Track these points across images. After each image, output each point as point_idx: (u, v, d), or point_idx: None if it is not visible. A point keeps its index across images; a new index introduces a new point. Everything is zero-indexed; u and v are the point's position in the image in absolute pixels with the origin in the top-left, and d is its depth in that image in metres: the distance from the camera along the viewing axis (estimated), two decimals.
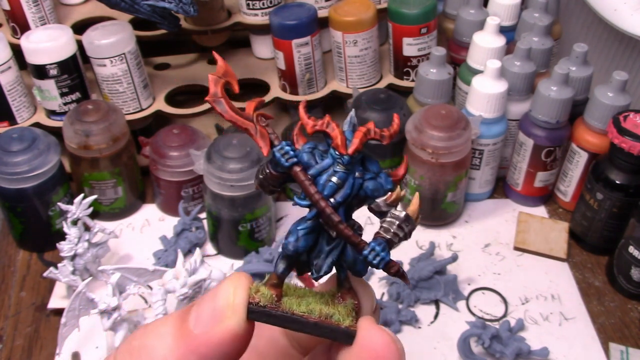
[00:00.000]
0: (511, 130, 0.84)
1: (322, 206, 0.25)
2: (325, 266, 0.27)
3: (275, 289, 0.26)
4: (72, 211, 0.69)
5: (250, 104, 0.26)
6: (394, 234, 0.26)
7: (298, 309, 0.26)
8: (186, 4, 0.76)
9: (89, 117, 0.78)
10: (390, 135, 0.26)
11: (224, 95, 0.26)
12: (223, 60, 0.27)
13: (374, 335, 0.24)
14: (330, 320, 0.25)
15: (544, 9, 0.85)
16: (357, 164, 0.26)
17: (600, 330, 0.72)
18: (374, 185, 0.26)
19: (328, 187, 0.25)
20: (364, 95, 0.82)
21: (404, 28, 0.85)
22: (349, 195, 0.25)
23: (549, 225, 0.83)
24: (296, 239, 0.26)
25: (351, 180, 0.25)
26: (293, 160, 0.25)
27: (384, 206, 0.26)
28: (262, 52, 0.96)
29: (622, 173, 0.73)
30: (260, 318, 0.25)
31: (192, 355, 0.23)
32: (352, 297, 0.27)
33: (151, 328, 0.24)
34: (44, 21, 0.86)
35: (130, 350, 0.24)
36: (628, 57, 0.88)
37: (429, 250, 0.77)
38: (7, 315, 0.74)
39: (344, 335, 0.25)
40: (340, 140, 0.25)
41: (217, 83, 0.26)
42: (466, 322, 0.69)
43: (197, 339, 0.23)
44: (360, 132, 0.25)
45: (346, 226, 0.25)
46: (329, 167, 0.26)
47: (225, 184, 0.73)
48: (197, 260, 0.65)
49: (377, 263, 0.25)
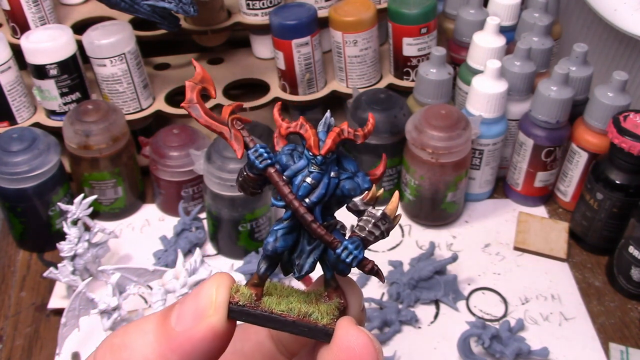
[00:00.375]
0: (511, 130, 0.84)
1: (296, 206, 0.25)
2: (306, 265, 0.27)
3: (255, 289, 0.26)
4: (72, 211, 0.69)
5: (227, 109, 0.27)
6: (369, 232, 0.26)
7: (277, 308, 0.26)
8: (186, 4, 0.76)
9: (89, 117, 0.78)
10: (364, 135, 0.27)
11: (199, 101, 0.27)
12: (201, 67, 0.27)
13: (352, 335, 0.24)
14: (308, 319, 0.26)
15: (544, 9, 0.85)
16: (332, 164, 0.26)
17: (600, 330, 0.72)
18: (350, 184, 0.26)
19: (302, 187, 0.26)
20: (364, 95, 0.82)
21: (404, 28, 0.85)
22: (323, 195, 0.26)
23: (549, 225, 0.83)
24: (275, 239, 0.26)
25: (326, 180, 0.26)
26: (267, 162, 0.26)
27: (361, 205, 0.27)
28: (262, 52, 0.96)
29: (622, 173, 0.73)
30: (240, 317, 0.26)
31: (173, 352, 0.24)
32: (338, 296, 0.28)
33: (133, 326, 0.25)
34: (44, 21, 0.86)
35: (111, 347, 0.24)
36: (628, 57, 0.88)
37: (429, 250, 0.77)
38: (7, 315, 0.74)
39: (322, 333, 0.26)
40: (313, 142, 0.26)
41: (193, 89, 0.27)
42: (466, 322, 0.69)
43: (179, 336, 0.24)
44: (334, 133, 0.26)
45: (319, 225, 0.26)
46: (304, 168, 0.26)
47: (225, 184, 0.73)
48: (197, 260, 0.65)
49: (350, 261, 0.25)
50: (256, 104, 0.89)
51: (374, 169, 0.27)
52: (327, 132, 0.26)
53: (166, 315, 0.25)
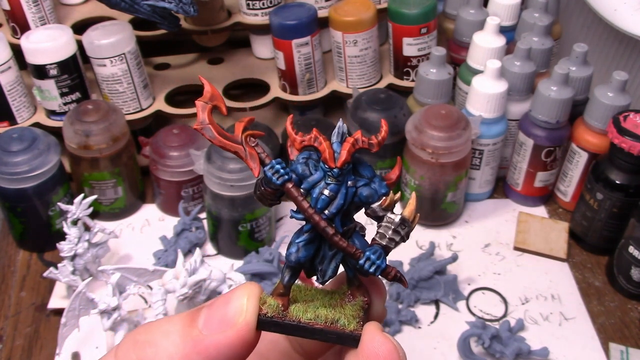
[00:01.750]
0: (511, 130, 0.84)
1: (316, 220, 0.26)
2: (329, 271, 0.27)
3: (281, 299, 0.27)
4: (72, 211, 0.69)
5: (239, 125, 0.27)
6: (390, 240, 0.26)
7: (304, 317, 0.27)
8: (186, 4, 0.76)
9: (89, 117, 0.78)
10: (379, 143, 0.27)
11: (212, 121, 0.27)
12: (210, 84, 0.27)
13: (378, 342, 0.25)
14: (335, 326, 0.26)
15: (544, 9, 0.85)
16: (349, 173, 0.26)
17: (600, 330, 0.72)
18: (367, 191, 0.26)
19: (321, 200, 0.26)
20: (364, 95, 0.82)
21: (404, 28, 0.85)
22: (342, 205, 0.26)
23: (549, 225, 0.83)
24: (297, 249, 0.27)
25: (344, 191, 0.26)
26: (284, 178, 0.26)
27: (379, 211, 0.27)
28: (262, 52, 0.96)
29: (622, 173, 0.73)
30: (268, 328, 0.26)
31: (198, 355, 0.24)
32: (362, 294, 0.28)
33: (157, 325, 0.25)
34: (44, 21, 0.86)
35: (135, 343, 0.24)
36: (628, 57, 0.88)
37: (429, 250, 0.77)
38: (7, 315, 0.74)
39: (350, 339, 0.26)
40: (328, 154, 0.26)
41: (204, 109, 0.27)
42: (466, 322, 0.69)
43: (205, 340, 0.24)
44: (348, 144, 0.26)
45: (341, 238, 0.26)
46: (321, 180, 0.26)
47: (225, 184, 0.73)
48: (197, 260, 0.65)
49: (373, 272, 0.26)
50: (256, 104, 0.89)
51: (389, 173, 0.28)
52: (342, 143, 0.26)
53: (193, 317, 0.25)
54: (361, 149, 0.26)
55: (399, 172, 0.28)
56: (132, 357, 0.24)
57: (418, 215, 0.27)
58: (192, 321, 0.25)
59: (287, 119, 0.27)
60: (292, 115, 0.28)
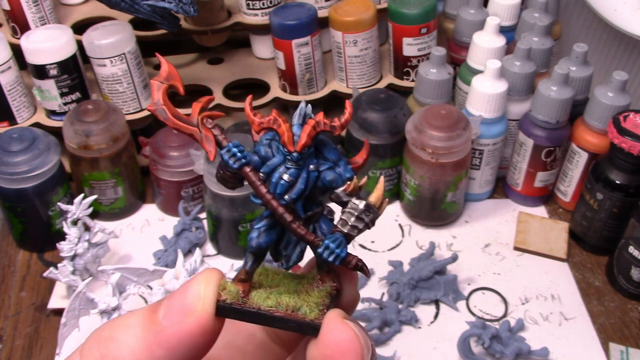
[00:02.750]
0: (511, 130, 0.84)
1: (274, 206, 0.25)
2: (294, 256, 0.27)
3: (243, 285, 0.26)
4: (72, 211, 0.69)
5: (196, 106, 0.26)
6: (352, 227, 0.25)
7: (265, 304, 0.26)
8: (186, 4, 0.76)
9: (89, 117, 0.78)
10: (342, 125, 0.25)
11: (166, 102, 0.25)
12: (167, 63, 0.26)
13: (338, 330, 0.24)
14: (296, 314, 0.26)
15: (544, 9, 0.85)
16: (310, 157, 0.25)
17: (600, 330, 0.72)
18: (331, 176, 0.25)
19: (280, 185, 0.25)
20: (364, 95, 0.82)
21: (404, 28, 0.85)
22: (302, 190, 0.25)
23: (549, 225, 0.83)
24: (257, 235, 0.26)
25: (305, 175, 0.25)
26: (241, 162, 0.25)
27: (343, 196, 0.25)
28: (262, 52, 0.96)
29: (622, 173, 0.73)
30: (228, 314, 0.25)
31: (159, 346, 0.24)
32: (331, 279, 0.27)
33: (120, 320, 0.25)
34: (44, 21, 0.86)
35: (98, 340, 0.24)
36: (628, 57, 0.88)
37: (429, 250, 0.77)
38: (7, 315, 0.74)
39: (309, 328, 0.25)
40: (287, 137, 0.25)
41: (159, 89, 0.25)
42: (466, 322, 0.69)
43: (165, 330, 0.24)
44: (308, 126, 0.25)
45: (299, 225, 0.25)
46: (281, 163, 0.25)
47: None
48: (197, 260, 0.65)
49: (332, 260, 0.25)
50: (256, 104, 0.89)
51: (356, 157, 0.26)
52: (302, 125, 0.25)
53: (154, 309, 0.25)
54: (323, 132, 0.25)
55: (365, 155, 0.26)
56: (96, 354, 0.24)
57: (386, 201, 0.26)
58: (153, 313, 0.25)
59: (246, 99, 0.26)
60: (251, 95, 0.27)
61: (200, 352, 0.25)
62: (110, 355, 0.24)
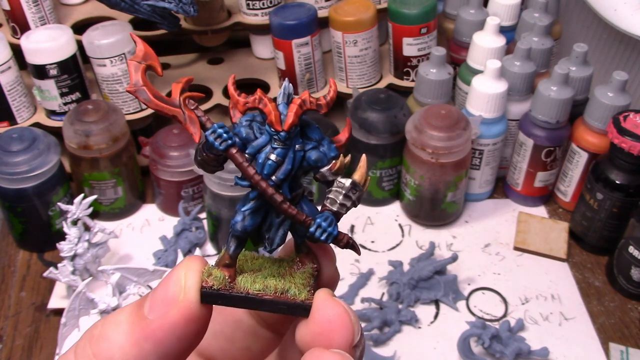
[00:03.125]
0: (511, 130, 0.84)
1: (263, 187, 0.25)
2: (277, 238, 0.26)
3: (228, 270, 0.26)
4: (72, 211, 0.69)
5: (176, 87, 0.25)
6: (341, 205, 0.25)
7: (252, 288, 0.25)
8: (186, 4, 0.76)
9: (89, 117, 0.78)
10: (327, 104, 0.25)
11: (147, 83, 0.25)
12: (142, 42, 0.25)
13: (328, 307, 0.25)
14: (285, 296, 0.25)
15: (544, 9, 0.85)
16: (296, 136, 0.25)
17: (600, 330, 0.72)
18: (316, 155, 0.25)
19: (267, 165, 0.25)
20: (364, 95, 0.82)
21: (404, 28, 0.85)
22: (290, 170, 0.25)
23: (549, 225, 0.83)
24: (242, 218, 0.26)
25: (291, 155, 0.25)
26: (227, 143, 0.25)
27: (329, 175, 0.25)
28: (262, 52, 0.96)
29: (622, 173, 0.73)
30: (215, 301, 0.25)
31: (146, 340, 0.24)
32: (311, 261, 0.27)
33: (110, 317, 0.25)
34: (44, 21, 0.86)
35: (90, 339, 0.24)
36: (628, 57, 0.88)
37: (429, 250, 0.77)
38: (7, 315, 0.74)
39: (300, 309, 0.25)
40: (274, 117, 0.24)
41: (137, 69, 0.25)
42: (466, 322, 0.69)
43: (151, 324, 0.24)
44: (295, 105, 0.24)
45: (290, 205, 0.25)
46: (267, 144, 0.25)
47: (225, 184, 0.73)
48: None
49: (325, 239, 0.25)
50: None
51: (339, 135, 0.26)
52: (288, 104, 0.25)
53: (140, 304, 0.25)
54: (309, 110, 0.25)
55: (348, 134, 0.26)
56: (88, 352, 0.24)
57: (369, 179, 0.26)
58: (139, 308, 0.24)
59: (229, 78, 0.26)
60: (234, 75, 0.26)
61: (191, 342, 0.25)
62: (101, 353, 0.24)
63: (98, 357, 0.24)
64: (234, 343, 0.30)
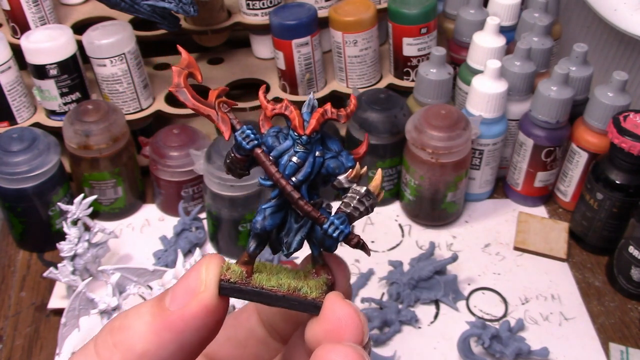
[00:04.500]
0: (511, 130, 0.84)
1: (283, 184, 0.26)
2: (294, 243, 0.28)
3: (246, 266, 0.27)
4: (72, 211, 0.69)
5: (213, 92, 0.27)
6: (354, 208, 0.27)
7: (267, 284, 0.27)
8: (186, 4, 0.76)
9: (89, 117, 0.78)
10: (347, 115, 0.27)
11: (187, 85, 0.27)
12: (187, 53, 0.28)
13: (339, 307, 0.26)
14: (298, 293, 0.27)
15: (544, 9, 0.85)
16: (317, 143, 0.27)
17: (600, 330, 0.72)
18: (334, 163, 0.27)
19: (289, 167, 0.26)
20: (364, 95, 0.82)
21: (404, 28, 0.85)
22: (309, 173, 0.27)
23: (549, 225, 0.83)
24: (263, 217, 0.27)
25: (311, 159, 0.27)
26: (254, 142, 0.27)
27: (345, 183, 0.27)
28: (262, 52, 0.96)
29: (622, 173, 0.73)
30: (231, 293, 0.26)
31: (168, 330, 0.25)
32: (326, 273, 0.28)
33: (132, 310, 0.26)
34: (44, 21, 0.86)
35: (111, 330, 0.25)
36: (628, 57, 0.88)
37: (429, 250, 0.77)
38: (7, 315, 0.74)
39: (312, 306, 0.27)
40: (298, 122, 0.26)
41: (180, 74, 0.27)
42: (466, 322, 0.69)
43: (172, 315, 0.25)
44: (317, 113, 0.27)
45: (306, 202, 0.26)
46: (290, 148, 0.27)
47: (225, 184, 0.73)
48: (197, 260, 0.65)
49: (337, 236, 0.26)
50: (256, 104, 0.89)
51: (357, 148, 0.28)
52: (311, 113, 0.27)
53: (162, 297, 0.26)
54: (330, 120, 0.27)
55: (365, 147, 0.28)
56: (109, 342, 0.25)
57: (383, 192, 0.28)
58: (161, 300, 0.26)
59: (260, 88, 0.28)
60: (265, 85, 0.29)
61: (207, 334, 0.26)
62: (122, 342, 0.25)
63: (119, 346, 0.25)
64: (244, 349, 0.32)
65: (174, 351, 0.25)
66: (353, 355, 0.24)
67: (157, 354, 0.25)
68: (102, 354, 0.25)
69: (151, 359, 0.24)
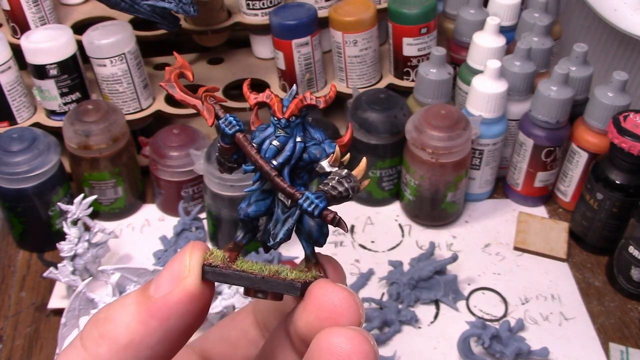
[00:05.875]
0: (511, 130, 0.84)
1: (261, 164, 0.27)
2: (281, 233, 0.28)
3: (230, 252, 0.28)
4: (72, 211, 0.69)
5: (202, 89, 0.28)
6: (332, 187, 0.27)
7: (249, 269, 0.27)
8: (186, 4, 0.76)
9: (89, 117, 0.78)
10: (326, 101, 0.28)
11: (177, 81, 0.28)
12: (182, 58, 0.29)
13: (332, 291, 0.25)
14: (277, 275, 0.27)
15: (544, 9, 0.85)
16: (298, 128, 0.27)
17: (600, 330, 0.72)
18: (316, 149, 0.28)
19: (269, 150, 0.27)
20: (364, 95, 0.82)
21: (404, 28, 0.85)
22: (289, 156, 0.27)
23: (549, 225, 0.83)
24: (247, 204, 0.28)
25: (292, 144, 0.27)
26: (235, 128, 0.27)
27: (327, 167, 0.28)
28: (262, 52, 0.96)
29: (622, 173, 0.73)
30: (214, 277, 0.27)
31: (152, 317, 0.25)
32: (317, 271, 0.28)
33: (116, 301, 0.26)
34: (44, 21, 0.86)
35: (96, 322, 0.25)
36: (628, 57, 0.88)
37: (429, 250, 0.77)
38: (7, 315, 0.74)
39: (290, 287, 0.27)
40: (277, 107, 0.27)
41: (171, 72, 0.28)
42: (466, 322, 0.69)
43: (157, 302, 0.25)
44: (296, 99, 0.27)
45: (282, 179, 0.27)
46: (271, 134, 0.27)
47: (225, 184, 0.73)
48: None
49: (311, 210, 0.26)
50: None
51: (341, 138, 0.29)
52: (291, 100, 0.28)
53: (146, 287, 0.26)
54: (309, 105, 0.28)
55: (349, 135, 0.29)
56: (95, 334, 0.25)
57: (368, 181, 0.28)
58: (145, 289, 0.26)
59: (245, 81, 0.29)
60: (249, 79, 0.30)
61: (193, 320, 0.26)
62: (108, 334, 0.25)
63: (105, 338, 0.25)
64: (236, 349, 0.32)
65: (160, 339, 0.25)
66: (357, 337, 0.23)
67: (144, 343, 0.24)
68: (89, 346, 0.25)
69: (137, 348, 0.24)
